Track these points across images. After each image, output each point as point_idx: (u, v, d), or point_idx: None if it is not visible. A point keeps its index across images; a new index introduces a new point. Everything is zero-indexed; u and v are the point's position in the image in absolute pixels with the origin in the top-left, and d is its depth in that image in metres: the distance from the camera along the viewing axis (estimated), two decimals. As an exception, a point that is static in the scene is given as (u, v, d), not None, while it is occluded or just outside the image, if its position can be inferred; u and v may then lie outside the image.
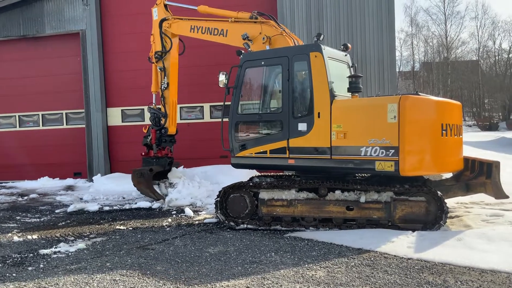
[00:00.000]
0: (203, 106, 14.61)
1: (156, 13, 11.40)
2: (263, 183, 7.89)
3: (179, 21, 10.92)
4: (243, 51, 8.64)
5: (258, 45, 8.84)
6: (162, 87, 11.48)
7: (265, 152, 8.03)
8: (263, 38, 8.72)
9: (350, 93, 7.78)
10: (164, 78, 11.46)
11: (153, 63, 11.57)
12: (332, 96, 7.46)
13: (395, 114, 6.77)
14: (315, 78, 7.56)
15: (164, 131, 11.64)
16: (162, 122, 11.61)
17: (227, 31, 9.67)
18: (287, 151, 7.79)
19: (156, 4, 11.46)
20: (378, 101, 7.33)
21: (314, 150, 7.54)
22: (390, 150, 6.83)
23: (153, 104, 11.86)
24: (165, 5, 11.42)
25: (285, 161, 7.83)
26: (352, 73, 8.39)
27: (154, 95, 11.89)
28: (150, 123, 11.87)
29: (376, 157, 6.96)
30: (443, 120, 7.03)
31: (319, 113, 7.50)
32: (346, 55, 8.65)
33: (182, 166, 12.81)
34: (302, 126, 7.65)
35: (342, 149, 7.29)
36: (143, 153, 11.77)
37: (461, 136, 7.61)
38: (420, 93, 7.22)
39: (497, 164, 7.07)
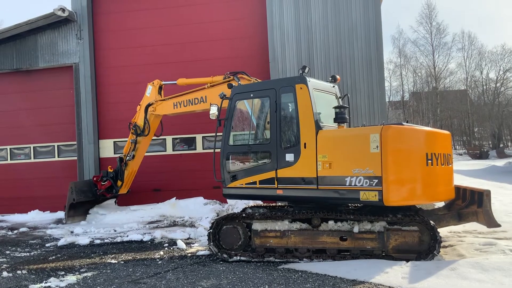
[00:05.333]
0: (195, 137, 14.66)
1: (149, 91, 12.04)
2: (256, 214, 7.87)
3: (162, 103, 11.60)
4: (233, 84, 8.79)
5: None
6: (127, 158, 12.26)
7: (254, 183, 8.05)
8: None
9: (337, 124, 7.88)
10: (133, 151, 12.20)
11: (130, 131, 12.22)
12: (318, 126, 7.55)
13: (377, 144, 6.82)
14: (300, 110, 7.68)
15: (115, 190, 12.50)
16: (118, 184, 12.45)
17: (206, 97, 10.21)
18: (276, 182, 7.82)
19: (152, 83, 12.09)
20: (361, 131, 7.39)
21: (301, 180, 7.58)
22: (374, 180, 6.84)
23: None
24: (160, 87, 12.05)
25: (274, 191, 7.86)
26: (340, 104, 8.53)
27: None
28: (114, 169, 12.55)
29: (360, 187, 6.97)
30: (428, 150, 7.03)
31: (305, 144, 7.57)
32: (334, 86, 8.81)
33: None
34: (289, 157, 7.71)
35: (328, 179, 7.32)
36: (95, 177, 12.77)
37: (450, 165, 7.63)
38: (404, 123, 7.25)
39: (488, 193, 7.11)
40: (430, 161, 7.01)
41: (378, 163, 6.78)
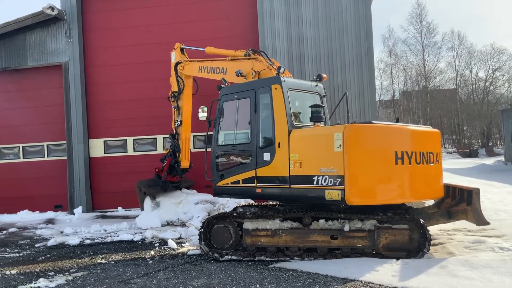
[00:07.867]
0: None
1: (174, 57, 12.27)
2: (247, 213, 7.88)
3: (190, 63, 11.75)
4: (222, 86, 8.94)
5: (249, 80, 9.06)
6: (176, 125, 12.40)
7: (238, 182, 8.25)
8: (252, 73, 9.07)
9: (313, 123, 7.86)
10: (178, 116, 12.35)
11: (170, 101, 12.42)
12: (291, 126, 7.62)
13: (340, 143, 6.81)
14: (275, 109, 7.79)
15: (178, 165, 12.53)
16: (177, 156, 12.51)
17: (227, 69, 10.23)
18: (255, 180, 7.95)
19: (174, 49, 12.31)
20: (326, 130, 7.43)
21: (276, 179, 7.68)
22: (337, 179, 6.82)
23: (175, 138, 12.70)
24: (181, 49, 12.25)
25: (254, 190, 8.01)
26: (324, 104, 8.60)
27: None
28: (170, 149, 12.68)
29: (326, 186, 6.96)
30: (399, 148, 6.96)
31: (279, 143, 7.67)
32: (316, 85, 8.84)
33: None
34: (266, 156, 7.85)
35: (299, 178, 7.37)
36: (157, 169, 12.68)
37: (432, 164, 7.43)
38: (374, 121, 7.15)
39: (477, 191, 7.16)
40: (400, 159, 6.95)
41: (341, 162, 6.77)
